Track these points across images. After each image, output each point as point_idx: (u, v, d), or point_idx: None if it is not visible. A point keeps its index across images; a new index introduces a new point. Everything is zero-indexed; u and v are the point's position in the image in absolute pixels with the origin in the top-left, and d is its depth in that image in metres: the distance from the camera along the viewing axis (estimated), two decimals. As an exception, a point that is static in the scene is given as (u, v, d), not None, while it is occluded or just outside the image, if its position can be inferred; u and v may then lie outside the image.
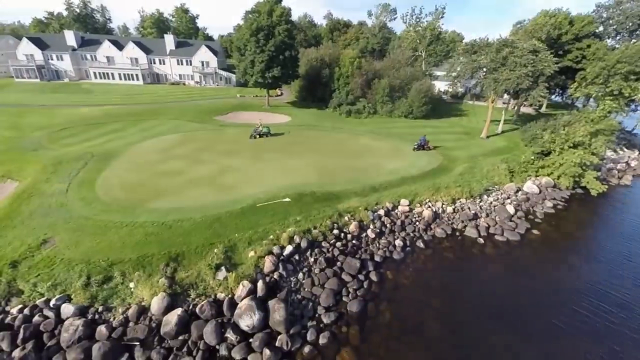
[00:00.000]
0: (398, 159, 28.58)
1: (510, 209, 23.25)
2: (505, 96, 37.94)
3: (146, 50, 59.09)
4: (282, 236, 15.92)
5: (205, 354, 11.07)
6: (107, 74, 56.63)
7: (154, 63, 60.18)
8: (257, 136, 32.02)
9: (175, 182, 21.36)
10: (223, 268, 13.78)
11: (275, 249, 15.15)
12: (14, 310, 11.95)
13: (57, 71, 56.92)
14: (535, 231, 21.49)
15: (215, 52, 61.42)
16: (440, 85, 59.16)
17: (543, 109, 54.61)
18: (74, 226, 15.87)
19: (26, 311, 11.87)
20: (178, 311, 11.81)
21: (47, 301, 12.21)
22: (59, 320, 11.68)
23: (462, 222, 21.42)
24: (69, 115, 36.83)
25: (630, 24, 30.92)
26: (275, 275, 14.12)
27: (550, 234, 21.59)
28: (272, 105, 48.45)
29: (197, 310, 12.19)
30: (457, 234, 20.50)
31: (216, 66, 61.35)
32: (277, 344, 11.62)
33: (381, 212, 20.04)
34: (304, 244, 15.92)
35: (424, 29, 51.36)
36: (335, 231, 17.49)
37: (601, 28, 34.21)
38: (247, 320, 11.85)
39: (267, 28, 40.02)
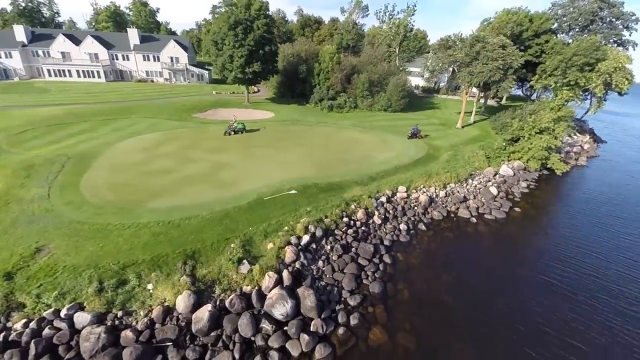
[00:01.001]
0: (387, 150, 29.65)
1: (494, 190, 25.29)
2: (474, 90, 40.72)
3: (107, 45, 54.42)
4: (296, 227, 15.95)
5: (242, 347, 10.89)
6: (63, 71, 51.33)
7: (117, 59, 55.65)
8: (232, 132, 31.12)
9: (168, 181, 20.33)
10: (245, 261, 13.53)
11: (293, 239, 15.18)
12: (18, 326, 10.78)
13: (5, 70, 50.33)
14: (517, 209, 23.70)
15: (185, 48, 58.41)
16: (413, 80, 61.80)
17: (503, 101, 59.51)
18: (68, 231, 14.55)
19: (32, 325, 10.76)
20: (208, 307, 11.45)
21: (57, 312, 11.18)
22: (75, 331, 10.78)
23: (455, 204, 22.94)
24: (27, 116, 33.01)
25: (583, 20, 35.02)
26: (297, 265, 14.18)
27: (528, 211, 23.92)
28: (252, 101, 47.42)
29: (227, 304, 11.92)
30: (452, 215, 21.95)
31: (187, 62, 58.42)
32: (312, 329, 11.76)
33: (383, 199, 20.80)
34: (319, 233, 16.11)
35: (397, 25, 53.38)
36: (345, 219, 17.89)
37: (556, 25, 38.26)
38: (281, 309, 11.84)
39: (245, 22, 39.02)
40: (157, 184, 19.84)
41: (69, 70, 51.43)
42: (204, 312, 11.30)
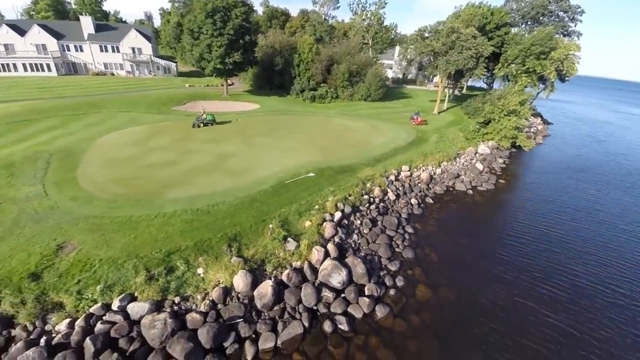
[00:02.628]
0: (380, 135, 31.02)
1: (479, 166, 27.97)
2: (437, 79, 43.85)
3: (56, 35, 48.20)
4: (326, 205, 16.41)
5: (309, 315, 11.22)
6: (7, 65, 44.36)
7: (68, 50, 49.64)
8: (201, 125, 29.48)
9: (177, 173, 19.39)
10: (290, 239, 13.71)
11: (327, 216, 15.64)
12: (62, 327, 9.90)
13: None
14: (501, 180, 26.58)
15: (147, 38, 54.11)
16: (385, 72, 64.25)
17: (464, 91, 64.78)
18: (88, 226, 13.40)
19: (79, 323, 9.94)
20: (269, 283, 11.52)
21: (106, 306, 10.46)
22: (132, 322, 10.20)
23: (450, 180, 25.01)
24: (-26, 113, 28.53)
25: (535, 13, 39.65)
26: (337, 239, 14.70)
27: (510, 181, 27.00)
28: (231, 94, 45.85)
29: (285, 279, 12.10)
30: (451, 189, 23.97)
31: (151, 53, 54.26)
32: (367, 293, 12.45)
33: (392, 177, 22.03)
34: (347, 210, 16.75)
35: (371, 17, 55.01)
36: (365, 196, 18.73)
37: (510, 18, 42.69)
38: (337, 277, 12.33)
39: (223, 9, 37.55)
40: (166, 176, 18.81)
41: (14, 64, 44.71)
42: (267, 287, 11.38)
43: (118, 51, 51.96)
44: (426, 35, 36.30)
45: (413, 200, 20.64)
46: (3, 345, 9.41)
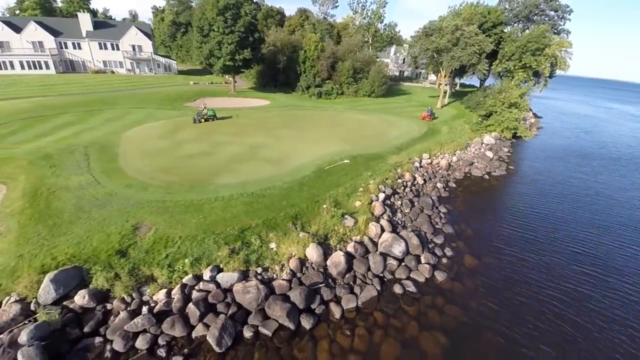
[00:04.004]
0: (394, 128, 32.41)
1: (489, 154, 29.84)
2: (433, 77, 45.82)
3: (53, 32, 46.89)
4: (369, 187, 17.51)
5: (380, 281, 12.30)
6: (4, 62, 42.79)
7: (66, 47, 48.39)
8: (202, 120, 29.28)
9: (217, 162, 19.94)
10: (347, 217, 14.71)
11: (373, 197, 16.73)
12: (160, 296, 10.54)
13: None
14: (510, 167, 28.49)
15: (148, 35, 53.49)
16: (387, 69, 66.07)
17: (457, 88, 67.54)
18: (154, 209, 13.92)
19: (175, 292, 10.61)
20: (341, 254, 12.51)
21: (197, 277, 11.15)
22: (224, 290, 10.95)
23: (466, 167, 26.69)
24: (-14, 110, 27.81)
25: (527, 12, 42.32)
26: (385, 217, 15.82)
27: (519, 167, 29.00)
28: (238, 91, 46.19)
29: (352, 250, 13.10)
30: (468, 175, 25.62)
31: (152, 51, 53.68)
32: (423, 261, 13.64)
33: (416, 164, 23.40)
34: (388, 192, 17.91)
35: (371, 17, 56.56)
36: (399, 180, 19.97)
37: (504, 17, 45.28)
38: (398, 247, 13.46)
39: (234, 7, 38.00)
40: (207, 165, 19.36)
41: (10, 62, 43.23)
42: (340, 257, 12.36)
43: (118, 49, 51.15)
44: (430, 32, 38.01)
45: (439, 185, 22.06)
46: (102, 318, 9.92)
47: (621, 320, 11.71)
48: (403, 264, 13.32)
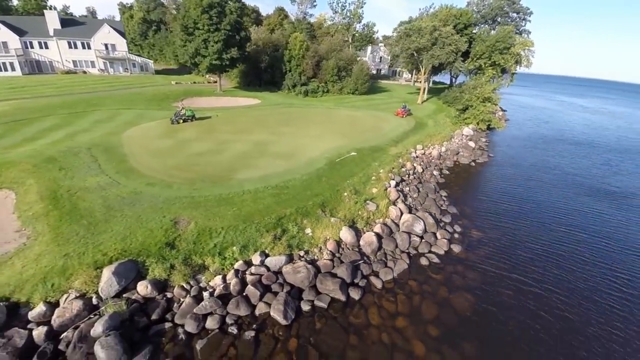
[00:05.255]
0: (385, 122, 34.28)
1: (472, 144, 32.74)
2: (407, 75, 48.70)
3: (17, 31, 42.99)
4: (381, 176, 18.97)
5: (407, 255, 13.77)
6: None
7: (32, 47, 44.73)
8: (180, 121, 28.12)
9: (227, 159, 20.33)
10: (369, 202, 16.02)
11: (386, 184, 18.20)
12: (216, 282, 11.15)
13: None
14: (490, 154, 31.54)
15: (121, 34, 51.00)
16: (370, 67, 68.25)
17: (430, 85, 71.69)
18: (186, 205, 14.24)
19: (230, 277, 11.28)
20: (372, 234, 13.78)
21: (246, 262, 11.86)
22: (274, 272, 11.77)
23: (454, 156, 29.19)
24: (-42, 114, 25.51)
25: (495, 14, 46.42)
26: (400, 201, 17.35)
27: (496, 154, 32.15)
28: (224, 90, 45.76)
29: (379, 231, 14.43)
30: (457, 163, 28.12)
31: (126, 50, 51.29)
32: (439, 237, 15.34)
33: (413, 154, 25.31)
34: (397, 179, 19.49)
35: (351, 17, 58.23)
36: (403, 169, 21.67)
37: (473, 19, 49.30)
38: (418, 226, 15.03)
39: (218, 5, 37.71)
40: (220, 162, 19.72)
41: (-31, 62, 39.36)
42: (372, 237, 13.65)
43: (89, 48, 48.28)
44: (410, 33, 40.43)
45: (435, 172, 24.12)
46: (166, 306, 10.37)
47: (592, 259, 14.48)
48: (424, 240, 14.90)
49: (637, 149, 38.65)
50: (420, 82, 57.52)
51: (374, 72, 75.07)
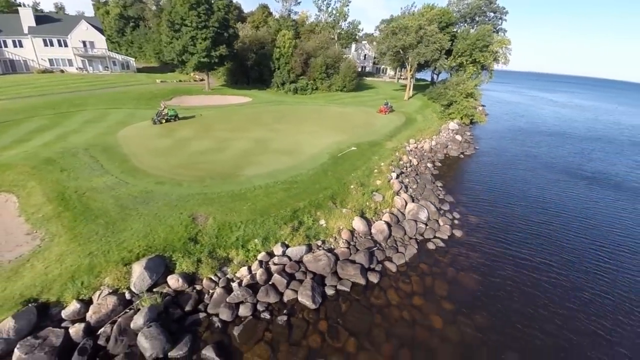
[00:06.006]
0: (377, 119, 35.33)
1: (459, 137, 34.49)
2: (391, 72, 50.17)
3: None
4: (382, 169, 19.88)
5: (415, 241, 14.74)
6: None
7: (5, 46, 41.92)
8: (163, 121, 27.23)
9: (230, 156, 20.49)
10: (375, 193, 16.85)
11: (388, 176, 19.12)
12: (243, 272, 11.58)
13: None
14: (476, 147, 33.41)
15: (100, 30, 48.94)
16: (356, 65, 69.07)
17: (413, 82, 73.91)
18: (200, 201, 14.44)
19: (255, 268, 11.76)
20: (382, 223, 14.63)
21: (268, 253, 12.35)
22: (295, 262, 12.33)
23: (444, 149, 30.72)
24: None
25: (474, 13, 48.71)
26: (402, 192, 18.33)
27: (481, 146, 34.09)
28: (213, 88, 45.17)
29: (388, 220, 15.28)
30: (447, 155, 29.67)
31: (106, 47, 49.30)
32: (441, 223, 16.44)
33: (407, 148, 26.46)
34: (397, 171, 20.48)
35: (337, 15, 58.75)
36: (400, 162, 22.72)
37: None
38: (423, 214, 16.08)
39: (206, 2, 37.19)
40: (224, 160, 19.86)
41: None
42: (382, 225, 14.49)
43: (66, 45, 45.97)
44: (396, 31, 41.67)
45: (429, 164, 25.41)
46: (197, 297, 10.70)
47: (575, 232, 16.53)
48: (428, 226, 15.93)
49: (605, 138, 42.17)
50: (404, 79, 59.36)
51: (359, 69, 76.22)
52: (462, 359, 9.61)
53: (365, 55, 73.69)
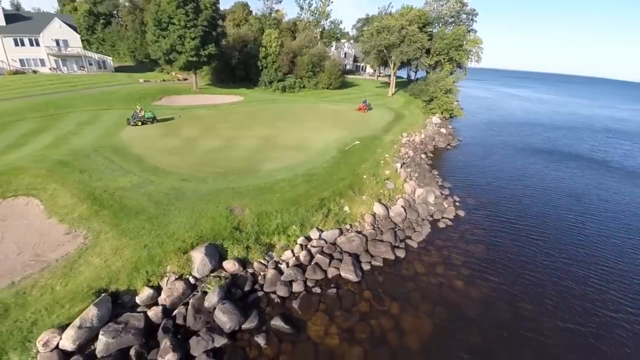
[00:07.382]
0: (369, 114, 37.19)
1: (444, 130, 37.35)
2: (370, 70, 52.61)
3: None
4: (387, 160, 21.66)
5: (427, 222, 16.65)
6: None
7: (-33, 44, 38.78)
8: (139, 123, 26.16)
9: (244, 153, 21.26)
10: (388, 182, 18.56)
11: (394, 166, 20.94)
12: (287, 255, 12.80)
13: None
14: (460, 138, 36.43)
15: (74, 28, 46.37)
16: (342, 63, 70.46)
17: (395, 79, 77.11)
18: (232, 195, 15.27)
19: (297, 250, 13.00)
20: (399, 207, 16.36)
21: (305, 238, 13.61)
22: (331, 243, 13.69)
23: (432, 141, 33.25)
24: None
25: (450, 15, 52.26)
26: (409, 179, 20.23)
27: (464, 137, 37.21)
28: (201, 87, 44.72)
29: (403, 204, 17.05)
30: (436, 146, 32.21)
31: (81, 46, 46.86)
32: (446, 206, 18.52)
33: (402, 141, 28.57)
34: (400, 162, 22.37)
35: (319, 14, 59.79)
36: (400, 153, 24.68)
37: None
38: (432, 197, 18.08)
39: (194, 0, 36.87)
40: (239, 156, 20.63)
41: None
42: (399, 209, 16.25)
43: (38, 44, 43.17)
44: (380, 30, 43.83)
45: (422, 155, 27.67)
46: (252, 279, 11.76)
47: (559, 206, 19.24)
48: (436, 209, 17.94)
49: (567, 126, 47.47)
50: (384, 76, 62.03)
51: (343, 67, 78.07)
52: (484, 311, 11.53)
53: (345, 53, 75.62)
